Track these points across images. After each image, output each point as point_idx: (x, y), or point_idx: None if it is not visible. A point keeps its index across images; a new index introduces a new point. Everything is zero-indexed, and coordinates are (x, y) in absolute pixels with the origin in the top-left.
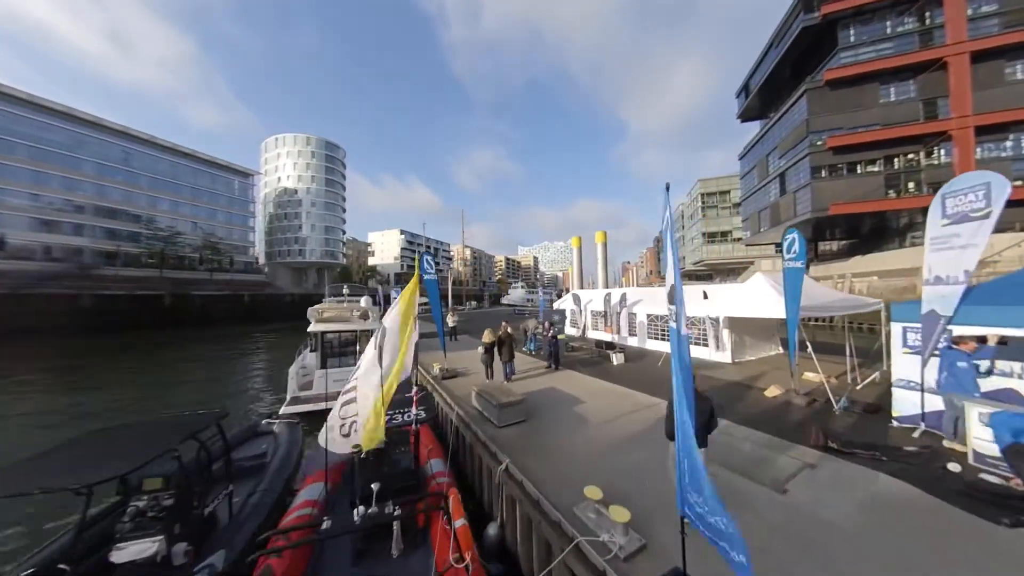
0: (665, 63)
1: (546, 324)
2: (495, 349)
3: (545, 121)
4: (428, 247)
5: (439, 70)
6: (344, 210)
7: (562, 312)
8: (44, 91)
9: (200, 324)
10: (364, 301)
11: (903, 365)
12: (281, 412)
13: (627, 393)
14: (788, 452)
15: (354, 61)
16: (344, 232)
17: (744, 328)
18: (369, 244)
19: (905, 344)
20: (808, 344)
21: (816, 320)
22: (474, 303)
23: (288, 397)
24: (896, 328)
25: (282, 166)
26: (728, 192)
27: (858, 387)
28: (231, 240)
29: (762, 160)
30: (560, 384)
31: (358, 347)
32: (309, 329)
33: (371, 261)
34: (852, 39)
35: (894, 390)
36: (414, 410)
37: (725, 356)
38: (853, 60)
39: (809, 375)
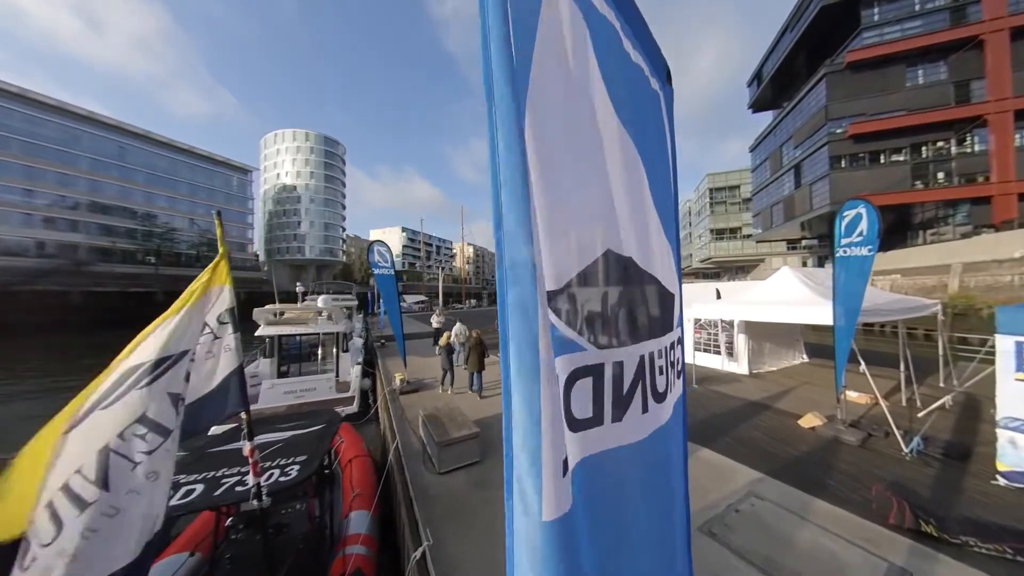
0: (675, 45)
1: None
2: (458, 355)
3: None
4: (429, 244)
5: (434, 49)
6: (344, 207)
7: None
8: (28, 83)
9: None
10: (322, 301)
11: (1014, 397)
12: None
13: None
14: (858, 537)
15: (340, 37)
16: (344, 229)
17: (763, 333)
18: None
19: (1020, 367)
20: (861, 359)
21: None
22: (473, 301)
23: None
24: (1005, 343)
25: (281, 162)
26: (738, 187)
27: (919, 415)
28: (229, 237)
29: (775, 151)
30: None
31: (321, 352)
32: (259, 332)
33: None
34: (876, 18)
35: (1000, 432)
36: (251, 478)
37: (740, 367)
38: (878, 40)
39: (853, 395)
